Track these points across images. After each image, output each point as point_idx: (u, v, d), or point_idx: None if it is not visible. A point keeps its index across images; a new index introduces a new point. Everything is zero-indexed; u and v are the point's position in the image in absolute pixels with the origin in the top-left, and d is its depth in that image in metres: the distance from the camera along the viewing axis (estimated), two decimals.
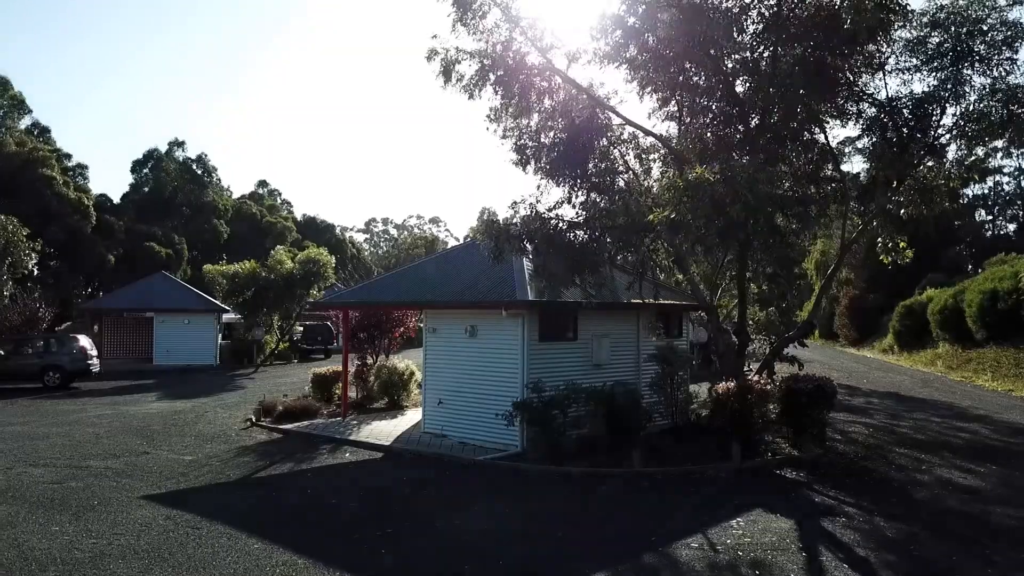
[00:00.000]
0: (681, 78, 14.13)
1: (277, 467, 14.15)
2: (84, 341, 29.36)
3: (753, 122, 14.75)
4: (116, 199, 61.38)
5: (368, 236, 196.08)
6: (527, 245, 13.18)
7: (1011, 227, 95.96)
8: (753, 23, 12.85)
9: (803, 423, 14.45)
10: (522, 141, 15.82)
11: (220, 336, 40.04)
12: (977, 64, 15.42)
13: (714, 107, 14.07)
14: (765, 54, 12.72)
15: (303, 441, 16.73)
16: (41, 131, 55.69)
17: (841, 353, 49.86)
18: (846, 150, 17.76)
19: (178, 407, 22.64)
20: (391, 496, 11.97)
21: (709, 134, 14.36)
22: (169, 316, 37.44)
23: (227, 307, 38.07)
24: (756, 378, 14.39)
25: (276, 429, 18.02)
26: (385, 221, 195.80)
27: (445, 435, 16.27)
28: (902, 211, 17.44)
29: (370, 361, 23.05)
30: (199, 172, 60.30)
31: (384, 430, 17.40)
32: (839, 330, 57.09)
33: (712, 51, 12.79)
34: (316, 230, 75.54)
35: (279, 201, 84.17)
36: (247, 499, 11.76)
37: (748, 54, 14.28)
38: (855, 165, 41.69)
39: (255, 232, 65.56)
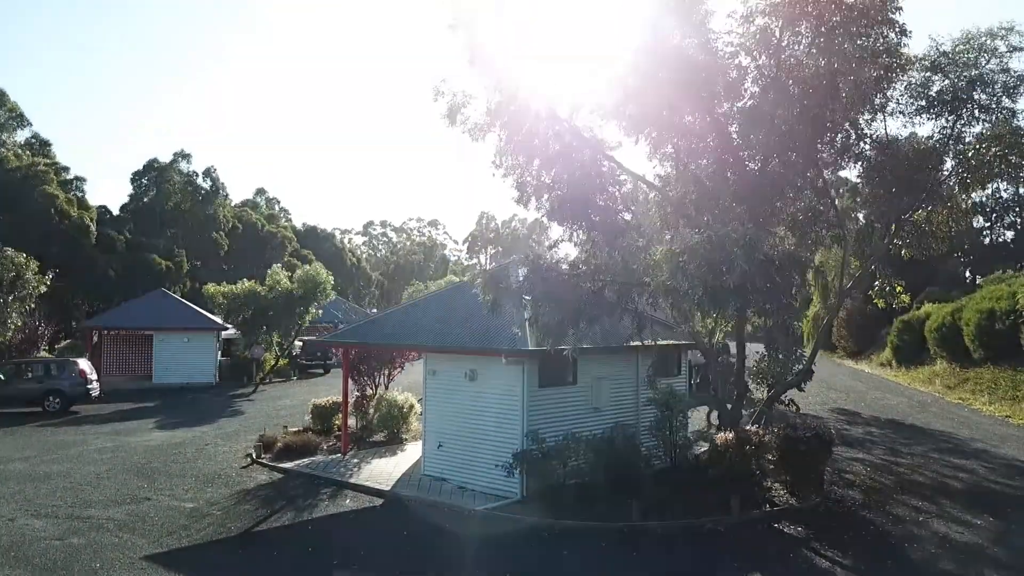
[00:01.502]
0: (675, 127, 14.23)
1: (279, 517, 14.21)
2: (84, 364, 29.40)
3: (750, 166, 14.83)
4: (114, 208, 61.47)
5: (367, 239, 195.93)
6: (526, 299, 13.25)
7: (1009, 234, 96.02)
8: (752, 82, 12.89)
9: (802, 471, 14.54)
10: (523, 179, 15.89)
11: (219, 353, 40.10)
12: (977, 111, 15.55)
13: (708, 154, 14.15)
14: (764, 107, 12.75)
15: (304, 483, 16.79)
16: (41, 143, 55.65)
17: (839, 366, 49.97)
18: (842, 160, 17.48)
19: (178, 438, 22.69)
20: (391, 556, 12.04)
21: (706, 181, 14.44)
22: (169, 335, 37.51)
23: (227, 325, 38.09)
24: (754, 428, 14.47)
25: (276, 468, 18.08)
26: (383, 224, 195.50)
27: (445, 479, 16.34)
28: (902, 251, 17.56)
29: (369, 392, 23.12)
30: (205, 185, 60.24)
31: (384, 471, 17.47)
32: (837, 341, 57.15)
33: (709, 103, 12.86)
34: (315, 239, 75.60)
35: (277, 209, 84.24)
36: (250, 562, 11.83)
37: (747, 102, 14.34)
38: (851, 172, 41.62)
39: (255, 242, 65.56)
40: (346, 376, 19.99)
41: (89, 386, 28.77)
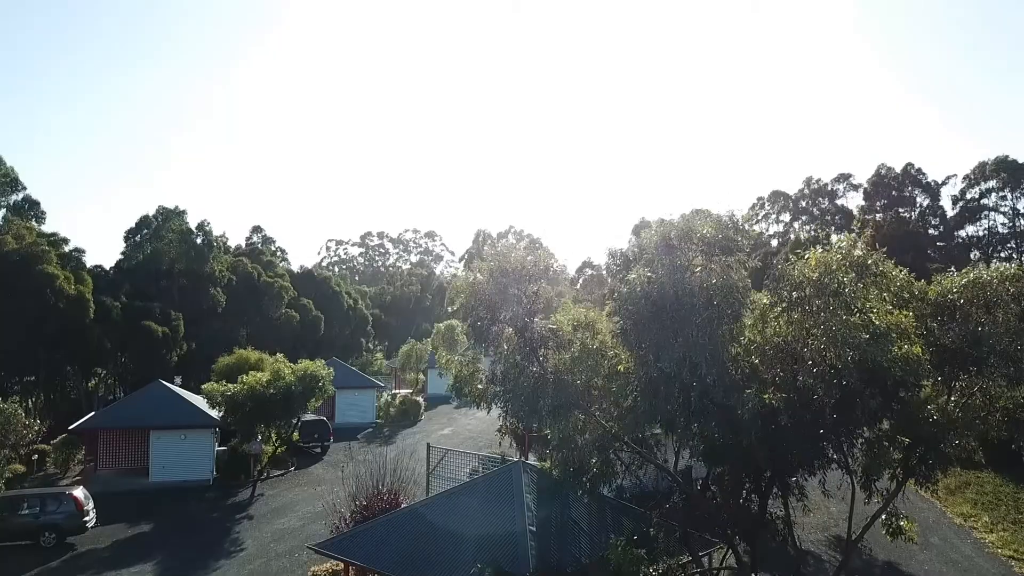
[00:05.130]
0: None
1: None
2: (79, 493, 29.07)
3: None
4: (107, 260, 61.18)
5: (363, 250, 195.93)
6: None
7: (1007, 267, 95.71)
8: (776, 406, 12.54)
9: None
10: None
11: (217, 444, 39.85)
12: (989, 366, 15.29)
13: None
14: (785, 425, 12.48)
15: None
16: (31, 205, 55.19)
17: None
18: None
19: None
20: None
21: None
22: (166, 433, 37.25)
23: (226, 420, 37.74)
24: None
25: None
26: (381, 235, 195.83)
27: None
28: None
29: None
30: (199, 242, 59.74)
31: None
32: None
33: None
34: (312, 283, 75.12)
35: (274, 248, 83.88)
36: None
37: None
38: None
39: (252, 293, 65.17)
40: None
41: (85, 517, 28.50)
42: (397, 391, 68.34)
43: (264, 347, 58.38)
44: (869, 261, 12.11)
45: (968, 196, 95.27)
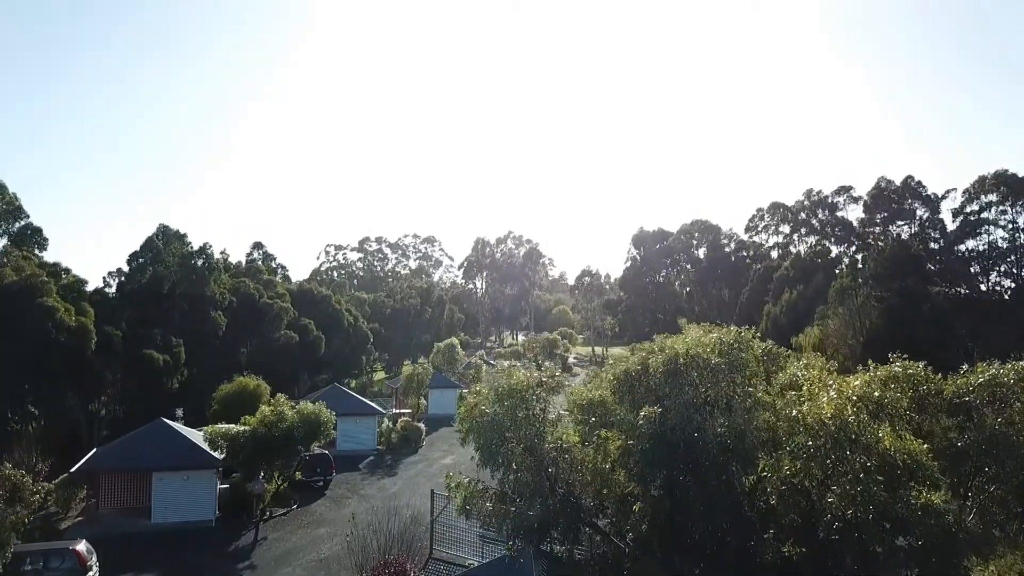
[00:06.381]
0: None
1: None
2: (82, 547, 28.93)
3: None
4: (107, 269, 61.20)
5: (362, 255, 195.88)
6: None
7: (1007, 282, 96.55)
8: None
9: None
10: None
11: (219, 481, 39.72)
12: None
13: None
14: None
15: None
16: (34, 231, 54.99)
17: None
18: None
19: None
20: None
21: None
22: (168, 474, 37.11)
23: (228, 462, 37.65)
24: None
25: None
26: (379, 240, 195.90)
27: None
28: None
29: None
30: (200, 264, 59.58)
31: None
32: None
33: None
34: (312, 301, 74.85)
35: (274, 264, 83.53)
36: None
37: None
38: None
39: (252, 314, 65.05)
40: None
41: (88, 572, 28.35)
42: (398, 410, 68.10)
43: (264, 369, 58.44)
44: (884, 400, 12.05)
45: (968, 210, 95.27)
